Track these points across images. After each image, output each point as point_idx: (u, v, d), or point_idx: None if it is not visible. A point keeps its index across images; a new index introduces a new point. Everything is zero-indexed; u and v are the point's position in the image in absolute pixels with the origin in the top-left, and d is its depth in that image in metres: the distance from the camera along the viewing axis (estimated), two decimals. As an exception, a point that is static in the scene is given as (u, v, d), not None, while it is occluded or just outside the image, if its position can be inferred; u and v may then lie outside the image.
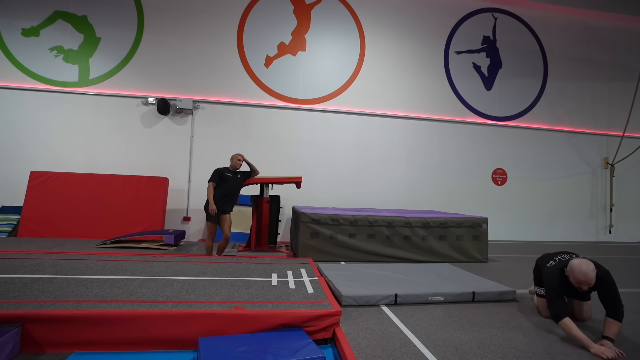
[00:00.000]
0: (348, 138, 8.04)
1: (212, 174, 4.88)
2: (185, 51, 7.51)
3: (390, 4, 8.42)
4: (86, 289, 3.03)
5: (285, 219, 7.48)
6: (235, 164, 5.02)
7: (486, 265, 5.49)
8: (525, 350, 2.49)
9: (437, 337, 2.68)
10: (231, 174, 4.95)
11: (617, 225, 9.36)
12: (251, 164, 5.22)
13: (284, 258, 5.00)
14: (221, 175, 4.89)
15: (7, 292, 2.84)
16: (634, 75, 9.31)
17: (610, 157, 9.43)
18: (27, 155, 6.93)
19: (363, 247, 5.41)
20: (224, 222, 4.87)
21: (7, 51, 7.00)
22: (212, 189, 4.81)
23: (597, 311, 3.40)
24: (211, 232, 4.90)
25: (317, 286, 3.45)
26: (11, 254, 4.20)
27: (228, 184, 4.89)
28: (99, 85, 7.26)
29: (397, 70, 8.39)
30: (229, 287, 3.27)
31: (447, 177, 8.50)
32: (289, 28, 7.92)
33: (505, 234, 8.56)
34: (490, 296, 3.61)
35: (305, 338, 2.44)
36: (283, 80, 7.84)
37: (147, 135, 7.32)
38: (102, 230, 6.32)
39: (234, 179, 4.97)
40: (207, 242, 4.93)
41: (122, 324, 2.41)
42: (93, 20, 7.28)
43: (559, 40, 9.29)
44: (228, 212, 4.94)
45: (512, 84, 8.99)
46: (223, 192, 4.84)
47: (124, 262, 4.17)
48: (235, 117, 7.58)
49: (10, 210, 6.64)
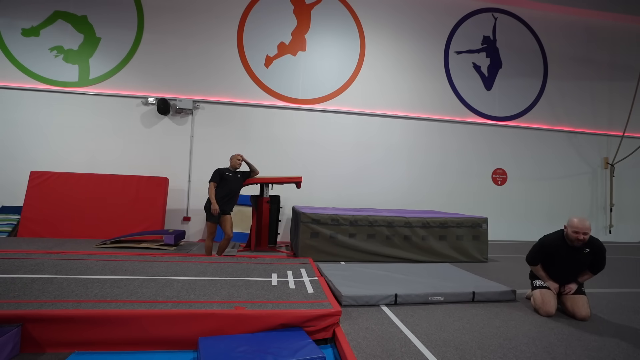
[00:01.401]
0: (348, 138, 8.04)
1: (212, 174, 4.88)
2: (185, 51, 7.51)
3: (390, 4, 8.42)
4: (86, 289, 3.03)
5: (285, 219, 7.48)
6: (235, 163, 5.00)
7: (486, 265, 5.49)
8: (525, 350, 2.49)
9: (437, 337, 2.68)
10: (231, 174, 4.94)
11: (617, 225, 9.36)
12: (251, 164, 5.21)
13: (284, 258, 5.00)
14: (222, 175, 4.87)
15: (7, 292, 2.84)
16: (634, 75, 9.32)
17: (610, 157, 9.43)
18: (27, 155, 6.93)
19: (363, 247, 5.41)
20: (225, 222, 4.85)
21: (7, 51, 7.00)
22: (214, 189, 4.80)
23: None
24: (211, 232, 4.88)
25: (317, 286, 3.45)
26: (11, 254, 4.20)
27: (229, 184, 4.87)
28: (99, 85, 7.26)
29: (397, 70, 8.39)
30: (229, 287, 3.27)
31: (447, 177, 8.50)
32: (289, 28, 7.92)
33: (505, 234, 8.56)
34: (490, 296, 3.61)
35: (305, 338, 2.44)
36: (283, 80, 7.84)
37: (147, 135, 7.32)
38: (102, 230, 6.32)
39: (235, 179, 4.97)
40: (207, 242, 4.89)
41: (122, 324, 2.40)
42: (93, 20, 7.28)
43: (559, 40, 9.30)
44: (228, 212, 4.92)
45: (512, 84, 8.99)
46: (224, 192, 4.83)
47: (124, 262, 4.17)
48: (236, 117, 7.58)
49: (10, 210, 6.64)
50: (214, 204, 4.71)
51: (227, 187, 4.87)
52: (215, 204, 4.70)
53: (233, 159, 5.05)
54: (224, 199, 4.82)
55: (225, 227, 4.85)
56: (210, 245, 4.90)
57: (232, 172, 4.97)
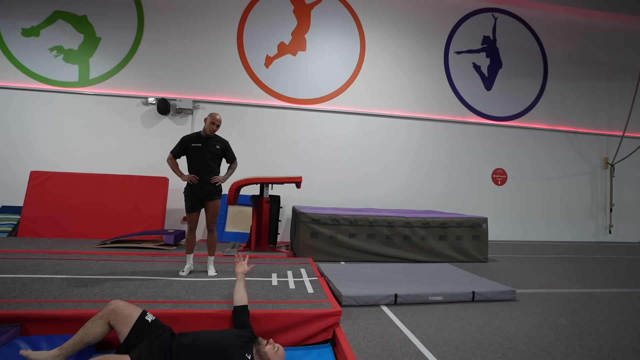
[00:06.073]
0: (348, 138, 8.04)
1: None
2: (185, 51, 7.50)
3: (390, 4, 8.42)
4: (86, 289, 3.03)
5: (285, 219, 7.48)
6: (210, 128, 3.79)
7: (486, 265, 5.49)
8: (525, 350, 2.49)
9: (437, 337, 2.68)
10: (201, 144, 3.82)
11: (617, 225, 9.35)
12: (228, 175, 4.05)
13: (284, 258, 5.00)
14: (186, 147, 3.83)
15: (7, 292, 2.84)
16: (633, 75, 9.32)
17: (610, 157, 9.43)
18: (27, 155, 6.93)
19: (363, 247, 5.41)
20: (205, 211, 3.93)
21: (7, 51, 7.00)
22: (173, 161, 3.90)
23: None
24: (189, 224, 3.96)
25: (317, 286, 3.46)
26: (11, 254, 4.20)
27: (200, 157, 3.80)
28: (99, 85, 7.26)
29: (397, 70, 8.39)
30: (229, 287, 3.27)
31: (447, 177, 8.50)
32: (289, 28, 7.92)
33: (505, 234, 8.56)
34: (490, 296, 3.61)
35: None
36: (283, 80, 7.84)
37: (147, 135, 7.31)
38: (102, 230, 6.32)
39: (207, 150, 3.84)
40: (187, 235, 4.00)
41: (122, 324, 2.40)
42: (93, 20, 7.28)
43: (559, 40, 9.29)
44: (208, 197, 3.88)
45: (512, 84, 8.99)
46: (194, 169, 3.82)
47: (124, 262, 4.18)
48: (235, 117, 7.58)
49: (10, 210, 6.63)
50: (181, 175, 3.80)
51: (197, 162, 3.76)
52: (183, 173, 3.82)
53: (208, 121, 3.79)
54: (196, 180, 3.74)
55: (206, 218, 3.91)
56: (191, 240, 3.95)
57: (202, 141, 3.81)
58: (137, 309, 2.18)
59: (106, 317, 2.11)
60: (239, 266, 2.86)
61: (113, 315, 2.11)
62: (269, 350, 2.08)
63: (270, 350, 2.08)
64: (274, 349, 2.09)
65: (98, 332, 2.08)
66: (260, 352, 2.08)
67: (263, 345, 2.11)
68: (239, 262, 2.91)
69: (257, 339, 2.18)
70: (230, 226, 7.09)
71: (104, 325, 2.10)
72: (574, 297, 3.86)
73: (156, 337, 2.03)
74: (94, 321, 2.10)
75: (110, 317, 2.11)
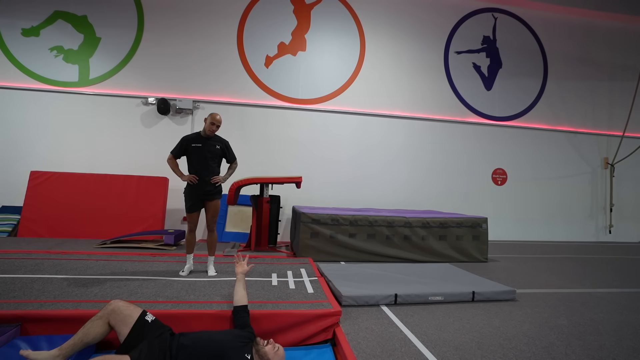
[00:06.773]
0: (348, 138, 8.04)
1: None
2: (185, 51, 7.50)
3: (390, 4, 8.42)
4: (86, 289, 3.03)
5: (285, 219, 7.48)
6: (210, 128, 3.78)
7: (486, 265, 5.49)
8: (525, 350, 2.49)
9: (437, 337, 2.68)
10: (201, 144, 3.84)
11: (617, 225, 9.35)
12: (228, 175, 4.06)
13: (284, 258, 5.00)
14: (186, 147, 3.85)
15: (7, 292, 2.84)
16: (634, 75, 9.32)
17: (610, 157, 9.43)
18: (27, 155, 6.92)
19: (363, 247, 5.41)
20: (206, 211, 3.94)
21: (7, 51, 6.99)
22: (173, 161, 3.93)
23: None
24: (189, 224, 3.97)
25: (317, 286, 3.46)
26: (11, 254, 4.21)
27: (200, 157, 3.82)
28: (99, 85, 7.25)
29: (397, 70, 8.39)
30: (229, 287, 3.27)
31: (447, 177, 8.49)
32: (289, 28, 7.92)
33: (505, 234, 8.56)
34: (490, 296, 3.61)
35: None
36: (283, 80, 7.84)
37: (147, 135, 7.31)
38: (102, 230, 6.32)
39: (207, 150, 3.86)
40: (187, 236, 4.01)
41: (122, 324, 2.40)
42: (93, 20, 7.28)
43: (559, 40, 9.29)
44: (208, 198, 3.90)
45: (512, 84, 8.99)
46: (193, 169, 3.85)
47: (124, 262, 4.18)
48: (235, 117, 7.58)
49: (10, 210, 6.63)
50: (181, 175, 3.83)
51: (197, 162, 3.78)
52: (183, 174, 3.85)
53: (208, 121, 3.77)
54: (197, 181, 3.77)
55: (206, 218, 3.93)
56: (191, 240, 3.97)
57: (202, 141, 3.81)
58: (137, 309, 2.18)
59: (106, 317, 2.11)
60: (239, 266, 2.87)
61: (113, 315, 2.11)
62: (269, 350, 2.08)
63: (270, 350, 2.08)
64: (274, 349, 2.09)
65: (98, 332, 2.08)
66: (260, 352, 2.08)
67: (263, 346, 2.11)
68: (238, 262, 2.91)
69: (256, 338, 2.19)
70: (230, 226, 7.09)
71: (104, 325, 2.10)
72: (574, 297, 3.86)
73: (156, 337, 2.03)
74: (94, 321, 2.10)
75: (110, 317, 2.11)
